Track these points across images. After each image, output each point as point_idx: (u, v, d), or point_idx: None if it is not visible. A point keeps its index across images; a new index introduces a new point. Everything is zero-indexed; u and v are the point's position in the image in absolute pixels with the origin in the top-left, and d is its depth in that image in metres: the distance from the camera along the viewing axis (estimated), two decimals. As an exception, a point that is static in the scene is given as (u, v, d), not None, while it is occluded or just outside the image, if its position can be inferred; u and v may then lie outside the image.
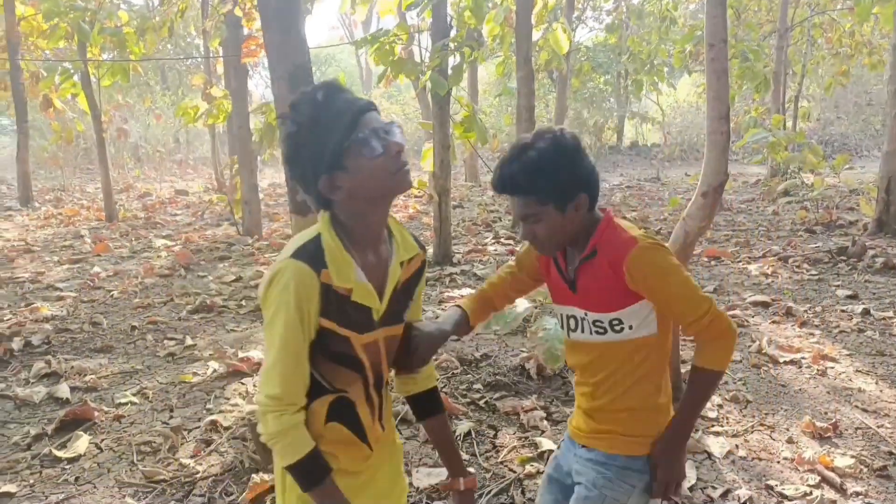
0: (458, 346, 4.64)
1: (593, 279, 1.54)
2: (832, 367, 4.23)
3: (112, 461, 3.27)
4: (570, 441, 1.77)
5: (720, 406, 3.69)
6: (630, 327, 1.54)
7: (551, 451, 3.11)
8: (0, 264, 7.86)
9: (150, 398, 3.99)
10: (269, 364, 1.33)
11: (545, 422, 3.49)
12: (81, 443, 3.38)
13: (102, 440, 3.47)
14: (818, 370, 4.17)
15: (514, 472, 3.04)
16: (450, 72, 6.86)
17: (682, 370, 3.86)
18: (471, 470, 1.74)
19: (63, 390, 4.01)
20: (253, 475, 2.96)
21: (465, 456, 3.18)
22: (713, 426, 3.47)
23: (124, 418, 3.72)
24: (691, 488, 2.88)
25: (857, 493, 2.86)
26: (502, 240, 8.69)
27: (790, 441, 3.33)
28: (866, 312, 5.21)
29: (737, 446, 3.28)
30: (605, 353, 1.59)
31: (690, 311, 1.51)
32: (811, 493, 2.84)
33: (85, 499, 2.94)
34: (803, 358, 4.35)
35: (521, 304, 4.21)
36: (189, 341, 4.99)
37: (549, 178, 1.46)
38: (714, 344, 1.54)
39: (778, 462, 3.14)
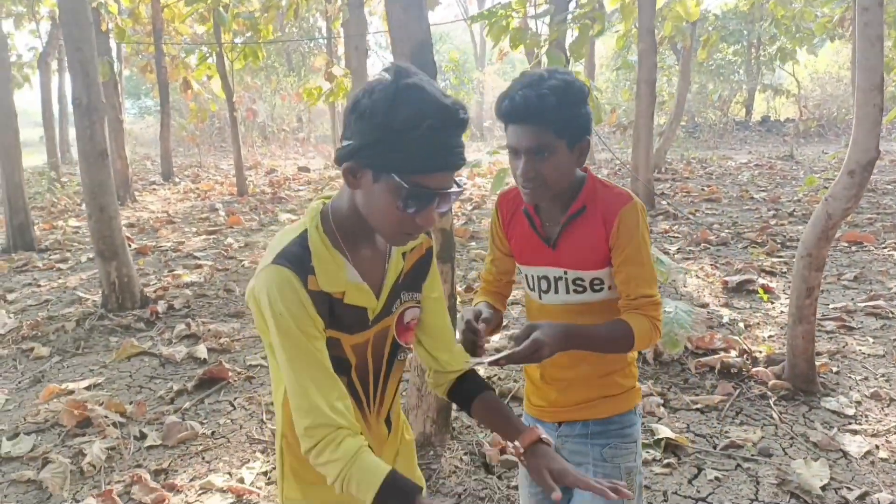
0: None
1: (580, 236, 1.50)
2: None
3: (244, 418, 3.52)
4: (538, 423, 1.63)
5: (858, 403, 3.41)
6: (609, 287, 1.52)
7: (670, 439, 3.01)
8: (147, 234, 8.64)
9: (277, 362, 4.25)
10: (291, 394, 1.14)
11: (662, 408, 3.38)
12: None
13: (235, 398, 3.75)
14: (978, 370, 3.75)
15: (629, 456, 2.97)
16: (567, 46, 6.67)
17: (817, 363, 3.60)
18: None
19: (201, 351, 4.37)
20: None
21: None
22: (850, 424, 3.21)
23: (254, 379, 3.99)
24: (823, 488, 2.69)
25: None
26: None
27: (941, 446, 3.02)
28: None
29: (877, 447, 3.02)
30: (583, 314, 1.52)
31: (645, 286, 1.48)
32: (966, 503, 2.57)
33: (219, 451, 3.20)
34: (960, 356, 3.93)
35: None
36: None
37: (571, 110, 1.39)
38: (646, 324, 1.47)
39: (926, 467, 2.87)
